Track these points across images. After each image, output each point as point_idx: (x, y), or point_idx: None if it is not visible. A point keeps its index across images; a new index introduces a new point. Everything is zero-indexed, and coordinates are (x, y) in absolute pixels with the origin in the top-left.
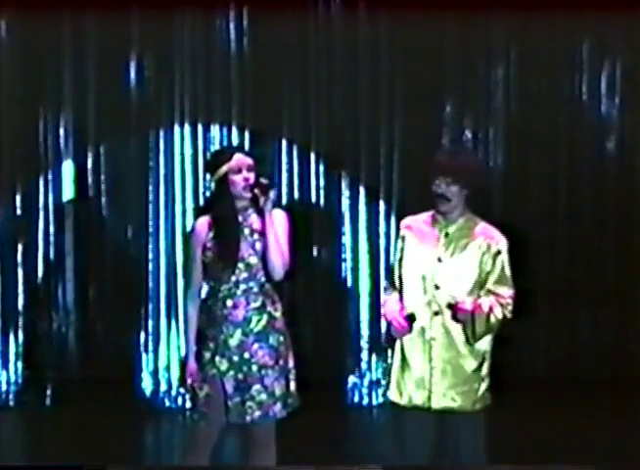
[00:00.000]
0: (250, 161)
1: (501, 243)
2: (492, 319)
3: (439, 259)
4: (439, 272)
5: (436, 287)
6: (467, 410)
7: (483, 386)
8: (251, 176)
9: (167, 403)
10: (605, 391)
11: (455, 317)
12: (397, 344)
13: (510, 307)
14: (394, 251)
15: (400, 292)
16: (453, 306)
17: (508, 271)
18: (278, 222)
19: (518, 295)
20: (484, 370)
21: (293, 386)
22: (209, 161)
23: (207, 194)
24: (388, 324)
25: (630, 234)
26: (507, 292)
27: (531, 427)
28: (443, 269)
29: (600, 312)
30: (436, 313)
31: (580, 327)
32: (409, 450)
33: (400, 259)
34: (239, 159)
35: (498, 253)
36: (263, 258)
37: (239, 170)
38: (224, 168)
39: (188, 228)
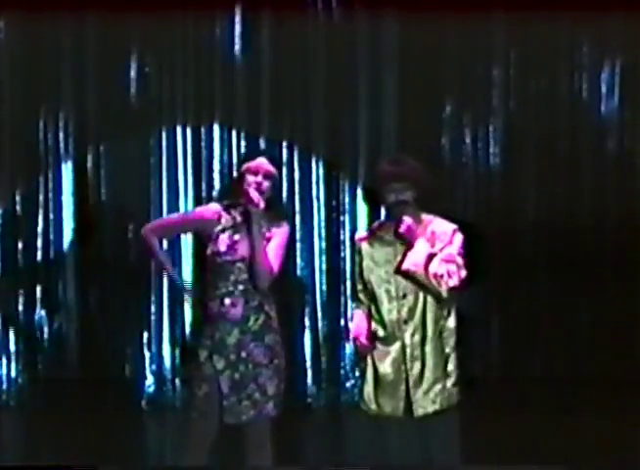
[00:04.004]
0: (270, 168)
1: (456, 236)
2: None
3: (398, 265)
4: (403, 281)
5: (404, 296)
6: (443, 409)
7: (449, 382)
8: (265, 183)
9: (168, 403)
10: (605, 391)
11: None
12: (369, 356)
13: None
14: (353, 266)
15: (365, 305)
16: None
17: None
18: (279, 235)
19: (517, 295)
20: (450, 366)
21: (283, 386)
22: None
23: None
24: (354, 341)
25: (630, 234)
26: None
27: (531, 427)
28: (402, 277)
29: (600, 312)
30: (406, 322)
31: (580, 327)
32: (398, 451)
33: (361, 274)
34: (260, 162)
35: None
36: (251, 264)
37: (256, 173)
38: (244, 167)
39: None
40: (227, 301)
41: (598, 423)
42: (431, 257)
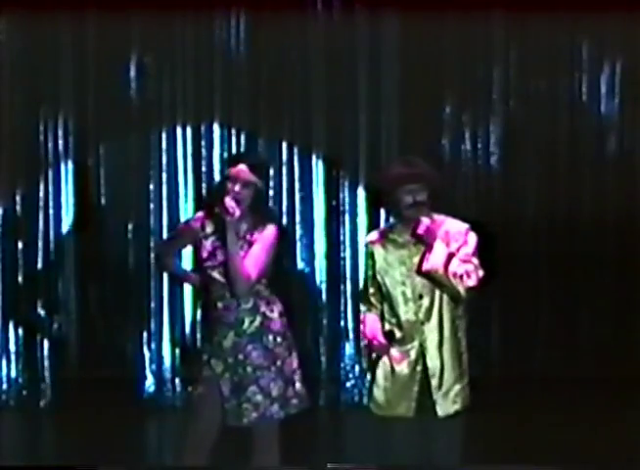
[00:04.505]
0: (249, 177)
1: (470, 236)
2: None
3: (418, 266)
4: (420, 281)
5: (420, 297)
6: (464, 409)
7: (465, 382)
8: (244, 192)
9: (168, 403)
10: (605, 391)
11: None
12: (383, 359)
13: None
14: (365, 268)
15: (377, 308)
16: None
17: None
18: (263, 238)
19: (517, 295)
20: (464, 366)
21: (299, 386)
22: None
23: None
24: (369, 342)
25: (630, 234)
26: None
27: (531, 427)
28: (422, 277)
29: (600, 312)
30: (422, 323)
31: (580, 327)
32: (399, 450)
33: (373, 276)
34: (238, 170)
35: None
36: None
37: (234, 181)
38: (226, 172)
39: None
40: (220, 304)
41: (598, 423)
42: (450, 257)
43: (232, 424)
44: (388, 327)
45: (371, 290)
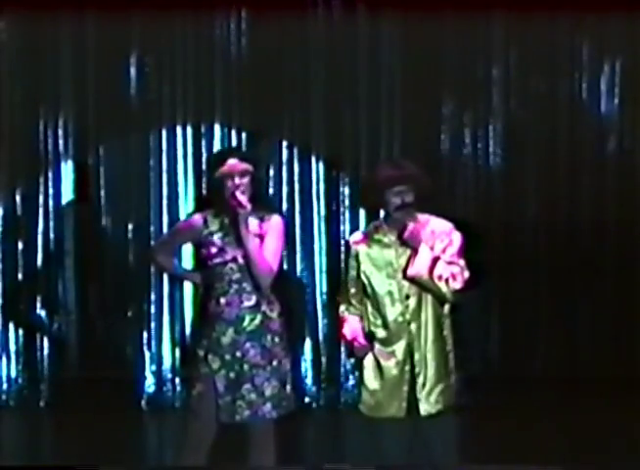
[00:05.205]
0: (243, 166)
1: (454, 235)
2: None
3: (404, 271)
4: (405, 282)
5: (407, 297)
6: (447, 408)
7: (450, 381)
8: (244, 182)
9: (168, 403)
10: (605, 391)
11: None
12: (370, 358)
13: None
14: (348, 269)
15: (357, 308)
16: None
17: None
18: (273, 228)
19: (517, 295)
20: (450, 364)
21: (289, 389)
22: (209, 162)
23: (206, 192)
24: (349, 344)
25: (630, 234)
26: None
27: (531, 427)
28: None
29: (600, 312)
30: (409, 323)
31: (580, 327)
32: (398, 450)
33: (358, 277)
34: (231, 164)
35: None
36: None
37: (231, 176)
38: (217, 174)
39: None
40: (222, 300)
41: (598, 423)
42: (435, 260)
43: (224, 421)
44: (370, 328)
45: (352, 290)
